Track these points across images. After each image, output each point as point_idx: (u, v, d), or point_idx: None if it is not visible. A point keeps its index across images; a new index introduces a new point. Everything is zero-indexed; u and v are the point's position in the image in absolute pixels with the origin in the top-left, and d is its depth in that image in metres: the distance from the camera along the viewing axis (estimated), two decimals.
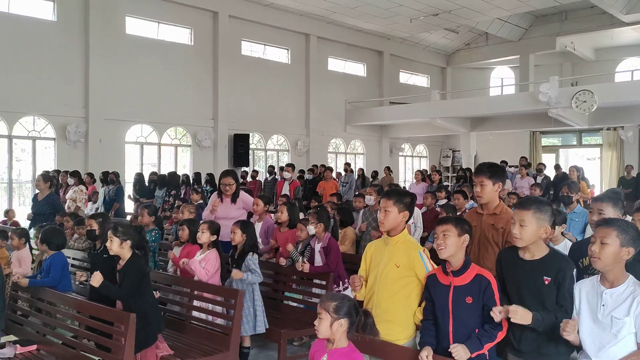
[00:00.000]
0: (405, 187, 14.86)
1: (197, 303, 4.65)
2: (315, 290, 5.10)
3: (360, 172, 15.75)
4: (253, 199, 6.20)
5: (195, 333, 4.50)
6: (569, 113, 14.05)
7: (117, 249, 3.90)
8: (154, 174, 12.50)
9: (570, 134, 19.64)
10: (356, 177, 15.05)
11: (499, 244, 3.39)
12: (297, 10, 16.24)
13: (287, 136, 17.48)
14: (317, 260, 5.21)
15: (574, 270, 2.77)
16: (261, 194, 12.39)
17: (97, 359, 3.78)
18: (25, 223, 8.99)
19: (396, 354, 3.00)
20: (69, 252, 5.93)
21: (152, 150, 14.72)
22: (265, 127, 16.80)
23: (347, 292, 5.05)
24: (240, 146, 15.43)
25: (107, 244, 3.95)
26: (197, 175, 12.49)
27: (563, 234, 4.41)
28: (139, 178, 12.33)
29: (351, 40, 18.56)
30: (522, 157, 14.02)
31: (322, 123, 17.99)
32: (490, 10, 15.95)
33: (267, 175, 14.65)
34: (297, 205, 7.04)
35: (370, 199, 6.62)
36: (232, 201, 6.00)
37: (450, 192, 9.86)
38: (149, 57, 13.86)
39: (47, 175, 7.80)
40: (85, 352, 3.86)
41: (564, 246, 4.07)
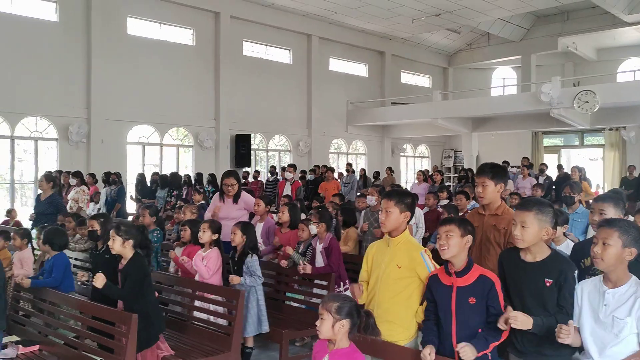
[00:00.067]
0: (407, 188, 14.85)
1: (199, 303, 4.65)
2: (317, 291, 5.10)
3: (362, 172, 15.75)
4: (254, 200, 6.21)
5: (196, 333, 4.50)
6: (571, 113, 14.03)
7: (119, 248, 3.90)
8: (156, 174, 12.51)
9: (573, 134, 19.62)
10: (358, 177, 15.05)
11: (500, 244, 3.38)
12: (299, 11, 16.25)
13: (288, 136, 17.48)
14: (319, 260, 5.21)
15: (576, 272, 2.76)
16: (263, 194, 12.41)
17: (99, 359, 3.79)
18: (27, 224, 8.99)
19: (397, 355, 3.00)
20: (70, 252, 5.95)
21: (154, 151, 14.73)
22: (266, 128, 16.80)
23: (348, 292, 5.06)
24: (242, 146, 15.43)
25: (109, 243, 3.94)
26: (198, 175, 12.51)
27: (565, 234, 4.40)
28: (141, 178, 12.35)
29: (353, 40, 18.55)
30: (524, 158, 14.00)
31: (324, 123, 17.99)
32: (492, 11, 15.93)
33: (269, 175, 14.65)
34: (298, 205, 7.05)
35: (371, 200, 6.61)
36: (234, 201, 6.02)
37: (452, 193, 9.85)
38: (150, 58, 13.88)
39: (49, 176, 7.79)
40: (87, 353, 3.86)
41: (566, 247, 4.06)
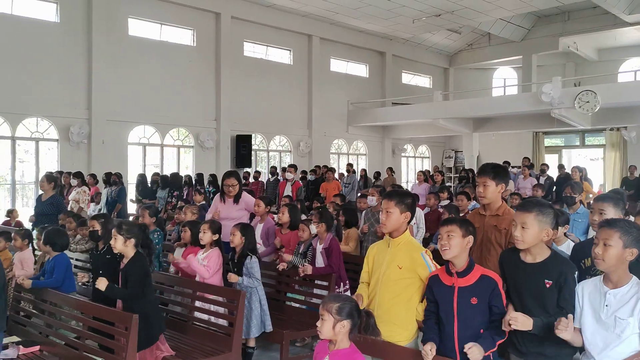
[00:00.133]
0: (407, 188, 14.85)
1: (200, 304, 4.65)
2: (318, 291, 5.09)
3: (363, 172, 15.74)
4: (255, 200, 6.20)
5: (197, 334, 4.50)
6: (571, 113, 14.01)
7: (121, 247, 3.92)
8: (157, 174, 12.52)
9: (573, 134, 19.61)
10: (358, 178, 15.04)
11: (501, 245, 3.38)
12: (300, 11, 16.25)
13: (289, 137, 17.48)
14: (319, 261, 5.21)
15: (576, 273, 2.76)
16: (263, 195, 12.40)
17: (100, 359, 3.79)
18: (28, 224, 9.00)
19: (397, 355, 3.00)
20: (71, 253, 5.94)
21: (154, 151, 14.74)
22: (267, 128, 16.80)
23: (348, 293, 5.06)
24: (242, 147, 15.43)
25: (111, 242, 3.96)
26: (199, 176, 12.50)
27: (566, 234, 4.40)
28: (142, 179, 12.35)
29: (353, 41, 18.55)
30: (524, 158, 14.00)
31: (325, 124, 17.98)
32: (492, 11, 15.92)
33: (270, 176, 14.65)
34: (298, 206, 7.04)
35: (372, 200, 6.60)
36: (235, 202, 6.02)
37: (452, 193, 9.84)
38: (151, 59, 13.89)
39: (51, 176, 7.78)
40: (87, 353, 3.86)
41: (567, 247, 4.06)
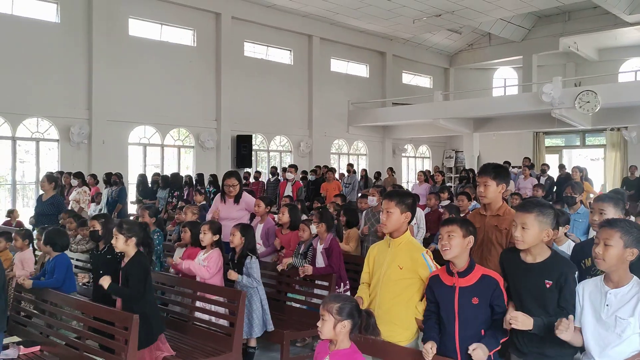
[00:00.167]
0: (408, 188, 14.85)
1: (200, 304, 4.65)
2: (318, 292, 5.09)
3: (364, 173, 15.73)
4: (255, 200, 6.20)
5: (198, 334, 4.50)
6: (572, 113, 14.01)
7: (123, 246, 3.92)
8: (157, 175, 12.52)
9: (574, 134, 19.61)
10: (359, 178, 15.03)
11: (502, 245, 3.37)
12: (300, 12, 16.25)
13: (289, 137, 17.48)
14: (319, 261, 5.21)
15: (576, 273, 2.75)
16: (264, 195, 12.40)
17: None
18: (29, 225, 9.00)
19: (398, 355, 2.99)
20: (72, 253, 5.94)
21: (155, 152, 14.74)
22: (268, 128, 16.80)
23: (348, 293, 5.05)
24: (243, 147, 15.43)
25: (113, 241, 3.97)
26: (199, 176, 12.50)
27: (567, 234, 4.39)
28: (142, 179, 12.35)
29: (354, 41, 18.55)
30: (525, 158, 14.00)
31: (325, 124, 17.98)
32: (493, 11, 15.92)
33: (270, 176, 14.65)
34: (299, 206, 7.03)
35: (372, 200, 6.59)
36: (235, 202, 6.01)
37: (453, 193, 9.84)
38: (152, 59, 13.89)
39: (52, 176, 7.79)
40: (88, 353, 3.86)
41: (568, 247, 4.06)
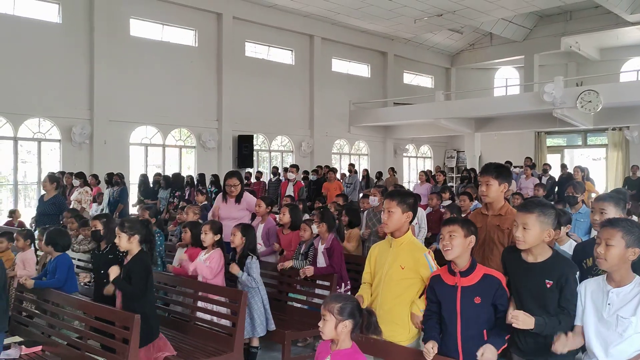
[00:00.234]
0: (409, 188, 14.84)
1: (202, 304, 4.66)
2: (319, 291, 5.09)
3: (365, 173, 15.72)
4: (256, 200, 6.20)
5: (199, 334, 4.50)
6: (574, 113, 13.99)
7: (126, 244, 3.92)
8: (159, 175, 12.53)
9: (575, 134, 19.58)
10: (361, 178, 15.03)
11: (504, 244, 3.37)
12: (301, 12, 16.25)
13: (291, 137, 17.48)
14: (320, 261, 5.21)
15: (577, 273, 2.75)
16: (265, 195, 12.40)
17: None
18: (30, 226, 9.02)
19: (399, 355, 2.99)
20: (74, 253, 5.95)
21: (156, 152, 14.75)
22: (269, 128, 16.81)
23: (349, 293, 5.05)
24: (244, 147, 15.44)
25: (116, 240, 3.97)
26: (201, 176, 12.51)
27: (568, 234, 4.39)
28: (144, 179, 12.37)
29: (355, 41, 18.54)
30: (527, 158, 13.98)
31: (326, 124, 17.98)
32: (494, 11, 15.90)
33: (271, 176, 14.65)
34: (300, 206, 7.02)
35: (374, 200, 6.59)
36: (236, 202, 6.02)
37: (454, 193, 9.84)
38: (153, 59, 13.90)
39: (53, 177, 7.81)
40: (89, 353, 3.86)
41: (569, 247, 4.05)
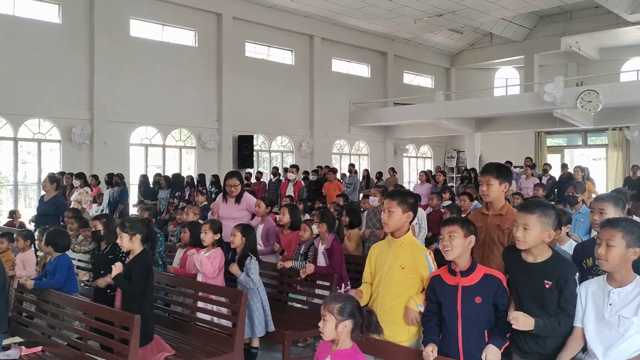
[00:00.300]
0: (409, 188, 14.83)
1: (202, 304, 4.65)
2: (319, 292, 5.09)
3: (365, 173, 15.72)
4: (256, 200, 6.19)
5: (199, 334, 4.50)
6: (574, 113, 13.98)
7: (128, 244, 3.92)
8: (159, 175, 12.52)
9: (576, 134, 19.57)
10: (361, 178, 15.03)
11: (504, 244, 3.36)
12: (301, 12, 16.25)
13: (291, 137, 17.48)
14: (320, 261, 5.20)
15: (577, 274, 2.74)
16: (265, 195, 12.40)
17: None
18: (29, 224, 9.02)
19: (399, 355, 2.99)
20: (74, 254, 5.95)
21: (156, 152, 14.75)
22: (269, 129, 16.81)
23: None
24: (244, 147, 15.43)
25: (118, 241, 3.97)
26: (201, 176, 12.50)
27: (568, 234, 4.38)
28: (144, 180, 12.37)
29: (355, 41, 18.54)
30: (527, 158, 13.97)
31: (326, 124, 17.97)
32: (494, 11, 15.90)
33: (271, 176, 14.64)
34: (301, 206, 7.02)
35: (374, 200, 6.59)
36: (236, 202, 6.02)
37: (454, 193, 9.84)
38: (153, 59, 13.90)
39: (53, 177, 7.82)
40: (89, 354, 3.86)
41: (570, 247, 4.05)
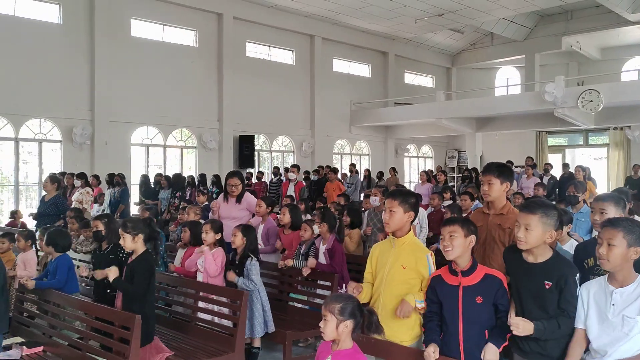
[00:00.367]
0: (410, 188, 14.82)
1: (202, 304, 4.65)
2: (320, 292, 5.09)
3: (367, 172, 15.72)
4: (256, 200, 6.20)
5: (200, 334, 4.50)
6: (575, 113, 13.97)
7: (131, 245, 3.91)
8: (159, 175, 12.53)
9: (577, 133, 19.53)
10: (362, 178, 15.02)
11: (505, 244, 3.36)
12: (302, 12, 16.24)
13: (292, 137, 17.47)
14: (322, 261, 5.20)
15: (577, 275, 2.74)
16: (266, 195, 12.39)
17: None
18: (32, 223, 9.03)
19: (400, 355, 2.98)
20: (75, 254, 5.95)
21: (157, 152, 14.75)
22: (270, 129, 16.80)
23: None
24: (245, 147, 15.43)
25: (121, 241, 3.95)
26: (202, 176, 12.49)
27: (569, 234, 4.38)
28: (145, 180, 12.37)
29: (356, 41, 18.53)
30: (528, 157, 13.96)
31: (327, 124, 17.97)
32: (495, 10, 15.89)
33: (272, 176, 14.64)
34: (302, 206, 7.01)
35: (375, 200, 6.58)
36: (237, 201, 6.02)
37: (455, 193, 9.84)
38: (154, 59, 13.90)
39: (54, 177, 7.84)
40: (90, 354, 3.86)
41: (571, 246, 4.04)
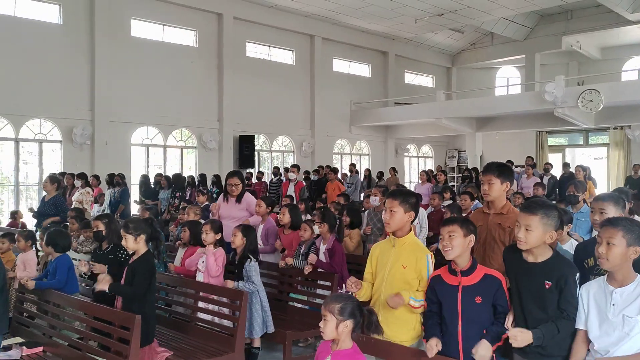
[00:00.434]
0: (410, 188, 14.82)
1: (202, 304, 4.65)
2: (320, 291, 5.09)
3: (367, 172, 15.72)
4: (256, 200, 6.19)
5: (200, 334, 4.50)
6: (575, 112, 13.97)
7: (134, 245, 3.91)
8: (160, 175, 12.53)
9: (577, 133, 19.53)
10: (362, 178, 15.02)
11: (505, 243, 3.36)
12: (302, 12, 16.24)
13: (292, 137, 17.47)
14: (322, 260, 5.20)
15: (577, 275, 2.74)
16: (266, 195, 12.39)
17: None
18: (31, 222, 9.04)
19: (401, 355, 2.98)
20: (75, 254, 5.95)
21: (157, 152, 14.75)
22: (270, 129, 16.81)
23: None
24: (245, 147, 15.44)
25: (123, 242, 3.96)
26: (202, 176, 12.49)
27: (569, 234, 4.38)
28: (145, 180, 12.37)
29: (356, 41, 18.53)
30: (528, 157, 13.96)
31: (327, 124, 17.97)
32: (495, 10, 15.89)
33: (273, 176, 14.64)
34: (302, 206, 7.01)
35: (375, 200, 6.58)
36: (237, 201, 6.02)
37: (455, 193, 9.84)
38: (154, 60, 13.90)
39: (54, 177, 7.84)
40: (90, 354, 3.86)
41: (571, 246, 4.04)
